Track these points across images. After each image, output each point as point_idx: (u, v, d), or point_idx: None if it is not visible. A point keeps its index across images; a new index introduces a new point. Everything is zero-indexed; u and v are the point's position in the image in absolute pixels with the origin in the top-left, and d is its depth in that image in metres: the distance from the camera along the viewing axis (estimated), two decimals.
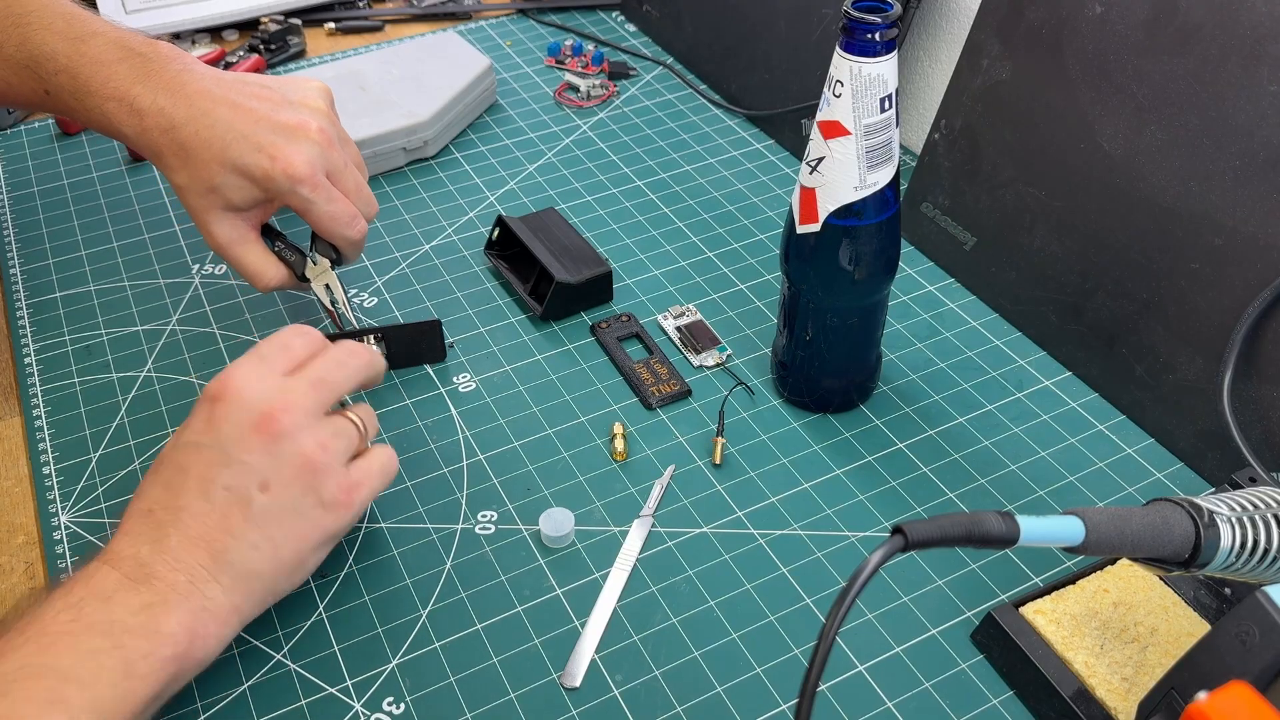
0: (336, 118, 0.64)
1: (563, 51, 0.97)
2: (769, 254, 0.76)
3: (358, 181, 0.63)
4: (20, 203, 0.81)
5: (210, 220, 0.61)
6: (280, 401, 0.49)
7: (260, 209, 0.62)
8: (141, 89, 0.60)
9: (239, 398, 0.49)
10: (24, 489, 0.60)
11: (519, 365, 0.67)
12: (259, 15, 1.00)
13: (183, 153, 0.59)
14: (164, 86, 0.60)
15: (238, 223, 0.61)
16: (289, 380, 0.51)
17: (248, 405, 0.49)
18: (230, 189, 0.60)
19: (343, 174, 0.62)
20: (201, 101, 0.59)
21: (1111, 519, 0.39)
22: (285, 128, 0.60)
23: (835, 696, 0.50)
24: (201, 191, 0.60)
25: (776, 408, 0.64)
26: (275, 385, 0.50)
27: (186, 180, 0.60)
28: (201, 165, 0.59)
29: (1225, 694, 0.31)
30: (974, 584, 0.55)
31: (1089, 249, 0.64)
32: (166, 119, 0.59)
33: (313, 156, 0.60)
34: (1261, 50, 0.56)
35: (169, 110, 0.59)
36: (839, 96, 0.52)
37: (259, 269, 0.63)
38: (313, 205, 0.60)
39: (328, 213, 0.61)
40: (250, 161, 0.59)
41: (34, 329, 0.70)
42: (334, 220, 0.61)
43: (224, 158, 0.59)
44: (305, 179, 0.59)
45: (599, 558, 0.56)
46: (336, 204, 0.61)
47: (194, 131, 0.59)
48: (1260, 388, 0.57)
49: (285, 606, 0.53)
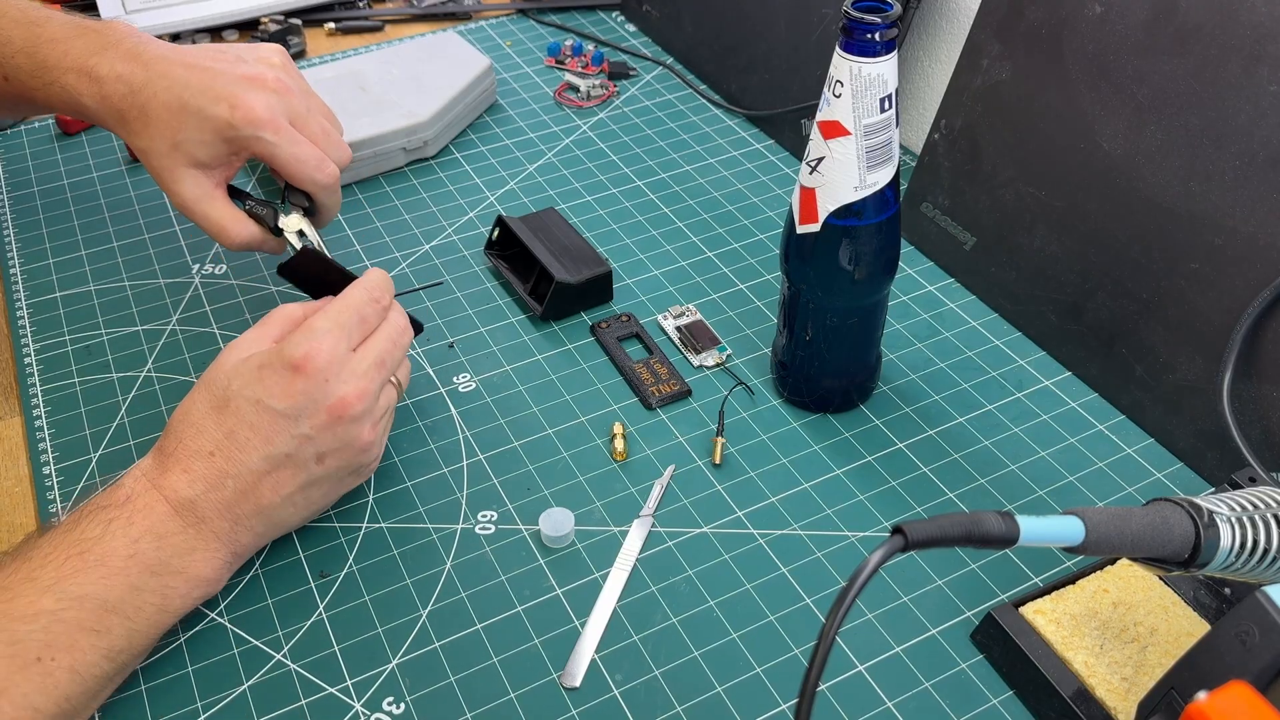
0: (297, 72, 0.65)
1: (563, 51, 0.97)
2: (769, 254, 0.76)
3: (324, 128, 0.64)
4: (20, 203, 0.81)
5: (174, 179, 0.61)
6: (355, 389, 0.52)
7: (225, 166, 0.62)
8: (99, 59, 0.61)
9: (322, 377, 0.52)
10: (24, 489, 0.60)
11: (519, 365, 0.67)
12: (259, 15, 1.00)
13: (143, 115, 0.60)
14: (121, 55, 0.61)
15: (202, 179, 0.62)
16: (361, 361, 0.54)
17: (328, 389, 0.52)
18: (193, 144, 0.60)
19: (306, 119, 0.62)
20: (159, 65, 0.60)
21: (1111, 519, 0.39)
22: (243, 79, 0.61)
23: (835, 696, 0.50)
24: (165, 151, 0.60)
25: (776, 408, 0.64)
26: (351, 368, 0.53)
27: (148, 142, 0.61)
28: (162, 124, 0.60)
29: (1225, 694, 0.31)
30: (974, 584, 0.55)
31: (1089, 249, 0.64)
32: (125, 84, 0.60)
33: (272, 102, 0.60)
34: (1261, 50, 0.56)
35: (127, 76, 0.60)
36: (839, 96, 0.52)
37: (225, 224, 0.62)
38: (276, 149, 0.60)
39: (292, 154, 0.61)
40: (211, 112, 0.59)
41: (34, 329, 0.70)
42: (300, 163, 0.61)
43: (184, 113, 0.59)
44: (266, 123, 0.60)
45: (599, 558, 0.56)
46: (301, 146, 0.61)
47: (153, 94, 0.60)
48: (1260, 388, 0.57)
49: (285, 606, 0.54)
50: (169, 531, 0.49)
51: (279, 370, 0.51)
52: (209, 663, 0.51)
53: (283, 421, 0.51)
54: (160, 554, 0.49)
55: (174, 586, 0.49)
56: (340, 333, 0.53)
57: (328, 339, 0.52)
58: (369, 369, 0.54)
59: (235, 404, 0.51)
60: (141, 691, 0.50)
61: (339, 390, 0.52)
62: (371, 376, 0.54)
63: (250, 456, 0.51)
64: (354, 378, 0.53)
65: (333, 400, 0.52)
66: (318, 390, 0.51)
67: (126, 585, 0.47)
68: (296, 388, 0.51)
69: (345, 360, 0.53)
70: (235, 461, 0.51)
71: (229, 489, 0.50)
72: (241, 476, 0.51)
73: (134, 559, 0.48)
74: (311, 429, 0.51)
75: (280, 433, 0.51)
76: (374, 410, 0.54)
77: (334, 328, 0.53)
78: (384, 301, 0.56)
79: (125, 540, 0.48)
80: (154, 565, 0.48)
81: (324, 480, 0.53)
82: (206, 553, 0.50)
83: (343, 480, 0.55)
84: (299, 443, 0.51)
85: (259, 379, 0.51)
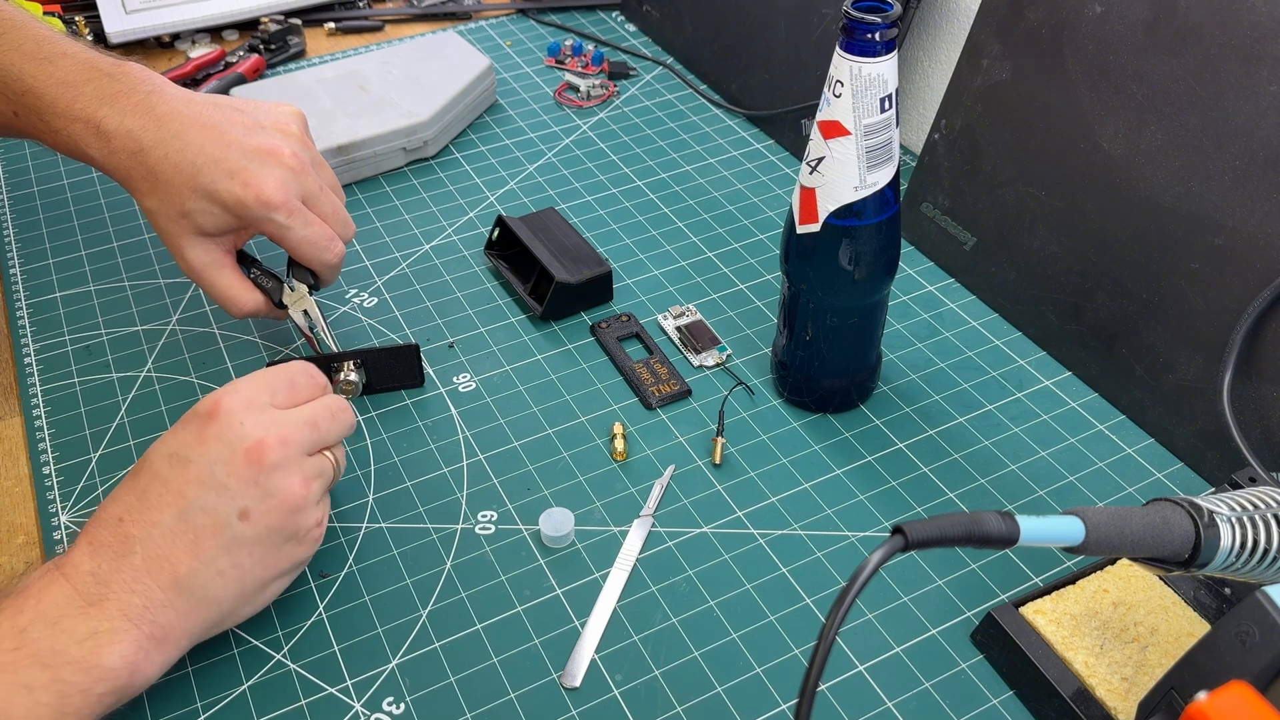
0: (311, 142, 0.63)
1: (563, 51, 0.97)
2: (769, 254, 0.76)
3: (334, 205, 0.62)
4: (20, 203, 0.81)
5: (183, 245, 0.59)
6: (275, 433, 0.48)
7: (235, 234, 0.61)
8: (108, 110, 0.58)
9: (234, 420, 0.48)
10: (24, 489, 0.60)
11: (519, 365, 0.67)
12: (259, 15, 1.00)
13: (151, 177, 0.58)
14: (132, 108, 0.58)
15: (211, 247, 0.60)
16: (285, 414, 0.50)
17: (242, 430, 0.48)
18: (202, 215, 0.58)
19: (318, 198, 0.61)
20: (171, 123, 0.58)
21: (1111, 519, 0.39)
22: (258, 152, 0.58)
23: (835, 696, 0.50)
24: (173, 216, 0.58)
25: (776, 408, 0.64)
26: (271, 417, 0.49)
27: (157, 205, 0.59)
28: (172, 190, 0.58)
29: (1225, 694, 0.31)
30: (974, 584, 0.55)
31: (1089, 249, 0.64)
32: (134, 141, 0.58)
33: (286, 181, 0.58)
34: (1261, 50, 0.56)
35: (137, 132, 0.58)
36: (839, 96, 0.52)
37: (233, 295, 0.61)
38: (288, 231, 0.59)
39: (304, 238, 0.60)
40: (222, 188, 0.57)
41: (34, 329, 0.70)
42: (311, 245, 0.60)
43: (195, 183, 0.57)
44: (279, 205, 0.58)
45: (599, 558, 0.56)
46: (312, 228, 0.60)
47: (163, 155, 0.57)
48: (1260, 388, 0.57)
49: (285, 606, 0.54)
50: (64, 614, 0.43)
51: (191, 421, 0.48)
52: (209, 663, 0.51)
53: (195, 471, 0.47)
54: (52, 642, 0.42)
55: (72, 681, 0.42)
56: (262, 384, 0.50)
57: (243, 389, 0.49)
58: (294, 421, 0.49)
59: (149, 462, 0.48)
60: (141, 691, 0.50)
61: (255, 433, 0.48)
62: (297, 428, 0.49)
63: (162, 515, 0.46)
64: (274, 425, 0.48)
65: (249, 443, 0.47)
66: (231, 432, 0.47)
67: (13, 685, 0.41)
68: (209, 432, 0.47)
69: (264, 408, 0.49)
70: (144, 524, 0.46)
71: (137, 556, 0.45)
72: (152, 540, 0.46)
73: (20, 651, 0.41)
74: (228, 477, 0.47)
75: (192, 484, 0.46)
76: (302, 464, 0.49)
77: (252, 381, 0.50)
78: (321, 381, 0.53)
79: (11, 631, 0.42)
80: (44, 656, 0.42)
81: (253, 543, 0.47)
82: (110, 637, 0.43)
83: (279, 547, 0.49)
84: (215, 496, 0.46)
85: (173, 434, 0.49)
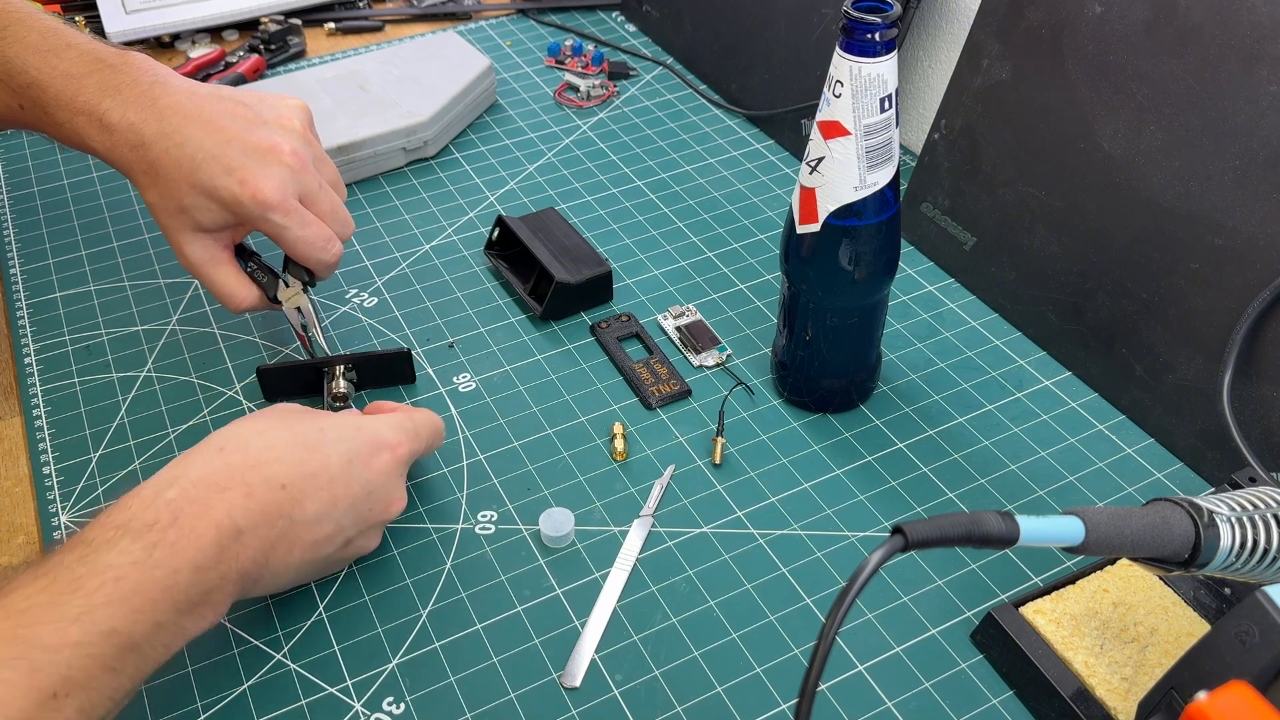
0: (314, 137, 0.63)
1: (563, 51, 0.97)
2: (769, 254, 0.76)
3: (333, 203, 0.62)
4: (20, 203, 0.81)
5: (181, 240, 0.60)
6: (403, 500, 0.54)
7: (233, 230, 0.61)
8: (112, 103, 0.58)
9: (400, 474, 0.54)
10: (24, 489, 0.60)
11: (519, 365, 0.67)
12: (259, 15, 1.00)
13: (152, 171, 0.58)
14: (134, 100, 0.58)
15: (209, 243, 0.60)
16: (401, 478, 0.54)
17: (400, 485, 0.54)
18: (199, 211, 0.58)
19: (317, 196, 0.61)
20: (173, 117, 0.58)
21: (1111, 519, 0.39)
22: (257, 149, 0.58)
23: (835, 696, 0.50)
24: (172, 211, 0.59)
25: (776, 408, 0.64)
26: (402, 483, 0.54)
27: (156, 199, 0.59)
28: (171, 185, 0.58)
29: (1225, 694, 0.31)
30: (974, 584, 0.55)
31: (1089, 249, 0.64)
32: (136, 135, 0.58)
33: (284, 181, 0.58)
34: (1261, 50, 0.56)
35: (139, 126, 0.58)
36: (839, 96, 0.52)
37: (230, 290, 0.61)
38: (284, 231, 0.59)
39: (300, 238, 0.60)
40: (219, 185, 0.57)
41: (34, 329, 0.70)
42: (307, 245, 0.60)
43: (193, 179, 0.57)
44: (275, 205, 0.58)
45: (599, 558, 0.56)
46: (309, 228, 0.60)
47: (164, 150, 0.58)
48: (1260, 388, 0.57)
49: (285, 606, 0.54)
50: (207, 565, 0.45)
51: (377, 444, 0.53)
52: (209, 663, 0.51)
53: (357, 490, 0.51)
54: (191, 592, 0.44)
55: (186, 628, 0.45)
56: (421, 445, 0.56)
57: (414, 443, 0.55)
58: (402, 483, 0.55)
59: (325, 451, 0.50)
60: (141, 691, 0.50)
61: (399, 493, 0.54)
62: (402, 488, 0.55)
63: (312, 506, 0.49)
64: (402, 491, 0.54)
65: (394, 499, 0.53)
66: (394, 484, 0.53)
67: (152, 623, 0.43)
68: (385, 467, 0.52)
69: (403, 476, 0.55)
70: (299, 505, 0.48)
71: (278, 530, 0.48)
72: (295, 523, 0.48)
73: (169, 593, 0.44)
74: (370, 513, 0.52)
75: (347, 499, 0.50)
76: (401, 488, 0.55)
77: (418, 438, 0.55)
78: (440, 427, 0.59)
79: (166, 571, 0.44)
80: (182, 604, 0.44)
81: (328, 563, 0.52)
82: (223, 594, 0.46)
83: (323, 569, 0.53)
84: (353, 519, 0.51)
85: (355, 437, 0.52)
